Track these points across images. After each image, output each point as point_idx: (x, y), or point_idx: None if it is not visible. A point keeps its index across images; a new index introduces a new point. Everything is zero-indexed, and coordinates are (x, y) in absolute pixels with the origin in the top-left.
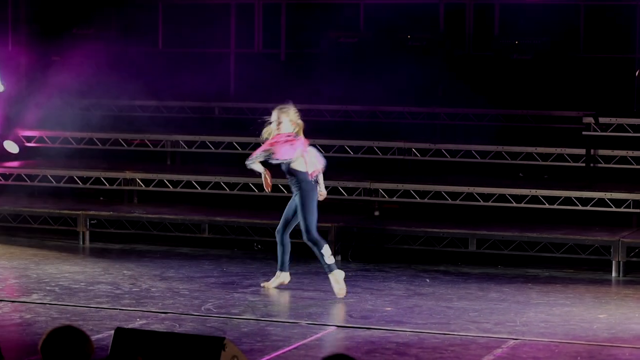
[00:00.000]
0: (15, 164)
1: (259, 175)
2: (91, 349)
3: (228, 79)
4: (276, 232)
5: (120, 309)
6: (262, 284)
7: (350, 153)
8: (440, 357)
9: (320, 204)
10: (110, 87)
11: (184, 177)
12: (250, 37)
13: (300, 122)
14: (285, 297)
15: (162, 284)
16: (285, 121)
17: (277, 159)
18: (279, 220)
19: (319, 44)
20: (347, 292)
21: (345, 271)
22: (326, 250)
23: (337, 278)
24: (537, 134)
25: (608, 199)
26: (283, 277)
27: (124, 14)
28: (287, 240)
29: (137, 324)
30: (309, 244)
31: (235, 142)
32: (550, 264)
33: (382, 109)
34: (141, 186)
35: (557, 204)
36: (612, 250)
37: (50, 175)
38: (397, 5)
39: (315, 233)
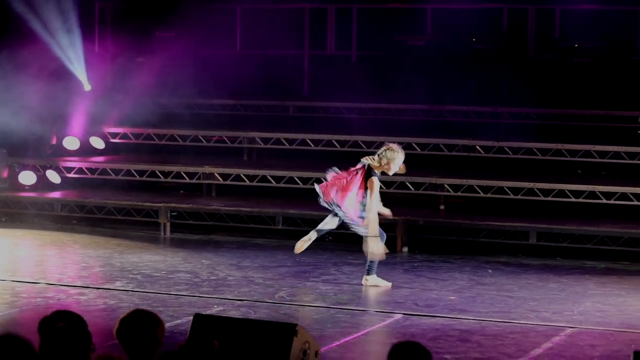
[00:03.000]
0: (100, 159)
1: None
2: (162, 331)
3: (302, 79)
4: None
5: (198, 296)
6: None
7: (417, 150)
8: (501, 344)
9: (389, 197)
10: (190, 87)
11: (260, 172)
12: (323, 39)
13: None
14: (354, 287)
15: (238, 273)
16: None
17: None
18: None
19: (388, 46)
20: (409, 282)
21: (411, 262)
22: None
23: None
24: (595, 132)
25: None
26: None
27: (204, 17)
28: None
29: (214, 310)
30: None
31: (308, 139)
32: (606, 257)
33: (448, 108)
34: (219, 180)
35: (614, 199)
36: None
37: (134, 170)
38: (462, 10)
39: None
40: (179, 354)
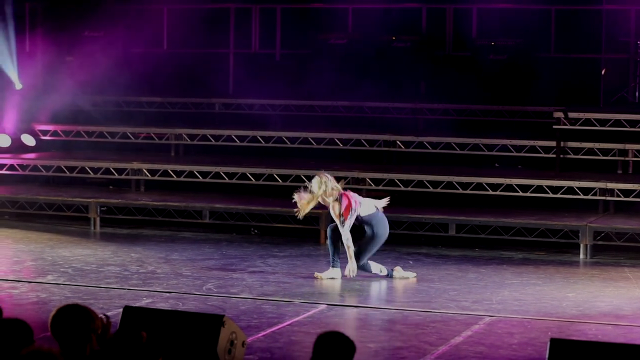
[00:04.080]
0: (31, 155)
1: (254, 165)
2: (98, 325)
3: (227, 77)
4: (330, 229)
5: (128, 289)
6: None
7: (340, 145)
8: (422, 333)
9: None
10: (118, 85)
11: (187, 168)
12: (247, 38)
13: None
14: (279, 278)
15: (167, 266)
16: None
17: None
18: (275, 207)
19: (311, 45)
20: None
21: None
22: (375, 268)
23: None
24: (511, 127)
25: (576, 187)
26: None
27: (132, 17)
28: (338, 242)
29: (143, 302)
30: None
31: (234, 135)
32: (523, 247)
33: (369, 104)
34: (147, 176)
35: (530, 192)
36: (580, 234)
37: (64, 166)
38: (383, 9)
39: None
40: (107, 346)
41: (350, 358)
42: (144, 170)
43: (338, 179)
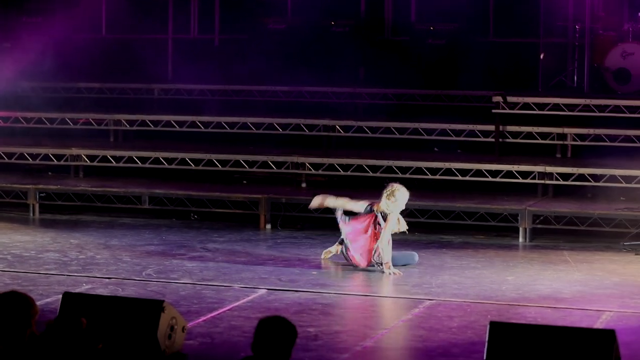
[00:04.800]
0: None
1: (194, 151)
2: (35, 311)
3: (166, 63)
4: None
5: (67, 275)
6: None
7: (279, 130)
8: (362, 317)
9: (252, 177)
10: (57, 71)
11: (126, 153)
12: (186, 23)
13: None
14: (219, 263)
15: (106, 252)
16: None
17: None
18: (214, 192)
19: (249, 30)
20: (273, 259)
21: (274, 239)
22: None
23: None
24: (450, 112)
25: (515, 170)
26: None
27: (70, 3)
28: None
29: (83, 288)
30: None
31: (173, 121)
32: (463, 231)
33: (308, 89)
34: (86, 162)
35: (469, 176)
36: (519, 217)
37: (2, 152)
38: None
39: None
40: (47, 332)
41: (291, 342)
42: (83, 156)
43: (278, 164)
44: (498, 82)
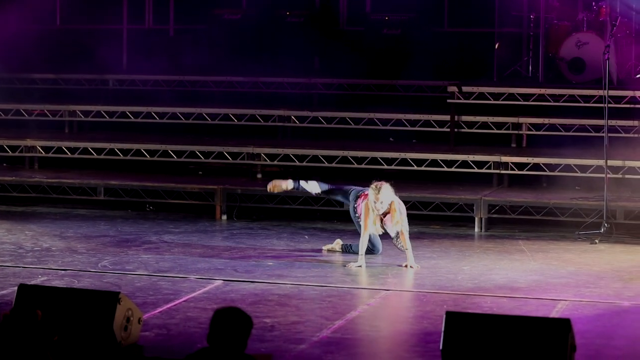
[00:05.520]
0: None
1: (149, 142)
2: None
3: (121, 53)
4: None
5: (23, 267)
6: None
7: (234, 120)
8: (318, 307)
9: (207, 167)
10: (11, 62)
11: (81, 144)
12: (141, 14)
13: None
14: (175, 254)
15: (62, 243)
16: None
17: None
18: (170, 183)
19: (205, 20)
20: (229, 250)
21: (230, 230)
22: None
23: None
24: (406, 102)
25: (471, 160)
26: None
27: None
28: None
29: (38, 280)
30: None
31: (128, 112)
32: (418, 221)
33: (263, 79)
34: (41, 153)
35: (425, 166)
36: (474, 207)
37: None
38: None
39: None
40: (2, 324)
41: (247, 333)
42: (38, 148)
43: (233, 155)
44: (453, 72)
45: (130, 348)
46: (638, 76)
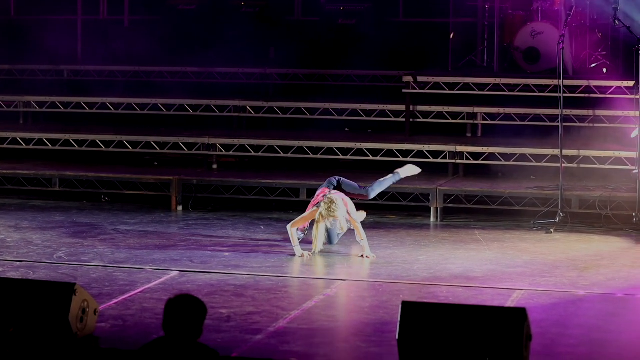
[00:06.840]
0: None
1: (104, 133)
2: None
3: (76, 44)
4: None
5: None
6: None
7: (189, 111)
8: (274, 298)
9: (162, 158)
10: None
11: (36, 135)
12: (95, 4)
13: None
14: (130, 245)
15: (17, 235)
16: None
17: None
18: (125, 174)
19: (159, 11)
20: (184, 240)
21: (186, 220)
22: (389, 181)
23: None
24: (361, 92)
25: (426, 150)
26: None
27: None
28: None
29: None
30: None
31: (83, 102)
32: (374, 211)
33: (218, 70)
34: None
35: (380, 156)
36: (430, 197)
37: None
38: None
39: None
40: None
41: (201, 318)
42: None
43: (189, 146)
44: (408, 62)
45: (86, 339)
46: (593, 66)
